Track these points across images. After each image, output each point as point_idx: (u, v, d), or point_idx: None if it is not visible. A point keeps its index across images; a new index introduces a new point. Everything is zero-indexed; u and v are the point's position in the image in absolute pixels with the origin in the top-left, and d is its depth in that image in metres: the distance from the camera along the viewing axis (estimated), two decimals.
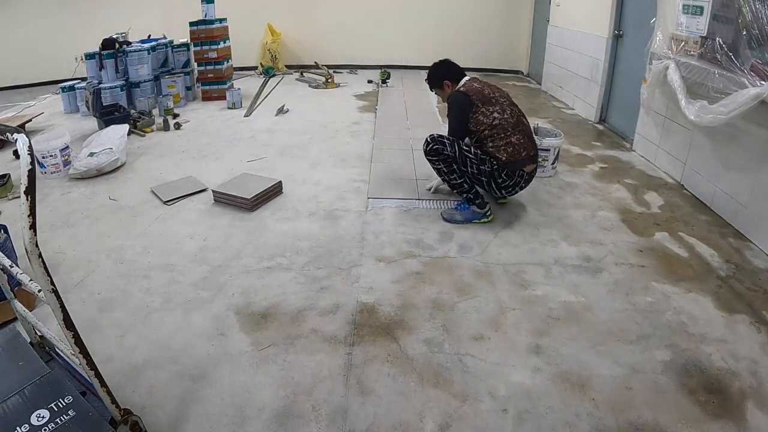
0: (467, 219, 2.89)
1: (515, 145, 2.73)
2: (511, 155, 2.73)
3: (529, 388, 1.76)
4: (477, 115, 2.75)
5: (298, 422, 1.63)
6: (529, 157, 2.78)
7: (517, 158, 2.74)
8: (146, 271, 2.48)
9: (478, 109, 2.75)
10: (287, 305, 2.21)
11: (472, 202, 2.87)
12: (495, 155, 2.74)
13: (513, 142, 2.73)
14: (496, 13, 7.46)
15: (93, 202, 3.25)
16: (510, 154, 2.72)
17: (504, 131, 2.72)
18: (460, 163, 2.78)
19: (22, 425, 1.33)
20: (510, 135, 2.73)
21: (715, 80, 2.72)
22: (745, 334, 2.00)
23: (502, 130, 2.72)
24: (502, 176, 2.76)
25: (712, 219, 2.94)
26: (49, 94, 6.49)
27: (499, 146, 2.73)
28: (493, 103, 2.76)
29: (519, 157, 2.74)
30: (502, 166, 2.74)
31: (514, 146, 2.73)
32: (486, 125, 2.73)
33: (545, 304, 2.19)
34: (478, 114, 2.75)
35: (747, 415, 1.64)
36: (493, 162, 2.74)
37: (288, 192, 3.35)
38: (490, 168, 2.75)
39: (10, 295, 1.66)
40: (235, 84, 6.30)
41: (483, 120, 2.74)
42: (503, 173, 2.75)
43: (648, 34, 3.58)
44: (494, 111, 2.74)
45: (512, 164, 2.74)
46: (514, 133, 2.74)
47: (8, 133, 1.21)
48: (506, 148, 2.72)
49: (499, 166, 2.74)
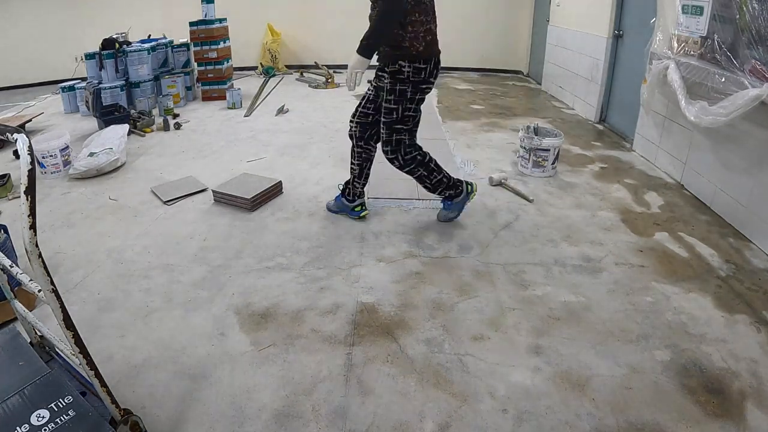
0: (460, 209, 2.86)
1: (434, 33, 2.44)
2: (429, 44, 2.41)
3: (529, 388, 1.76)
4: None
5: (298, 422, 1.63)
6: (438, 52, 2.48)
7: (434, 49, 2.45)
8: (146, 271, 2.48)
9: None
10: (287, 305, 2.21)
11: (452, 197, 2.79)
12: (411, 46, 2.39)
13: (432, 30, 2.43)
14: (496, 14, 7.46)
15: (93, 202, 3.25)
16: (429, 43, 2.41)
17: (426, 15, 2.39)
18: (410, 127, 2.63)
19: (22, 425, 1.33)
20: (430, 22, 2.42)
21: (715, 80, 2.72)
22: (745, 334, 2.01)
23: (424, 13, 2.38)
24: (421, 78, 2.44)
25: (712, 219, 2.94)
26: (49, 94, 6.49)
27: (418, 33, 2.38)
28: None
29: (435, 48, 2.45)
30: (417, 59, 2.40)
31: (433, 35, 2.44)
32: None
33: (545, 304, 2.19)
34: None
35: (747, 415, 1.64)
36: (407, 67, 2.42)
37: (288, 192, 3.35)
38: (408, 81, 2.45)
39: (10, 295, 1.66)
40: (235, 84, 6.30)
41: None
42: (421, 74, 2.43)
43: (648, 34, 3.58)
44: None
45: (428, 55, 2.42)
46: (433, 21, 2.43)
47: (8, 133, 1.21)
48: (425, 36, 2.39)
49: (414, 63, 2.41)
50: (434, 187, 2.74)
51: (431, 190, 2.76)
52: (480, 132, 4.65)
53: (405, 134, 2.66)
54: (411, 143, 2.71)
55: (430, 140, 4.35)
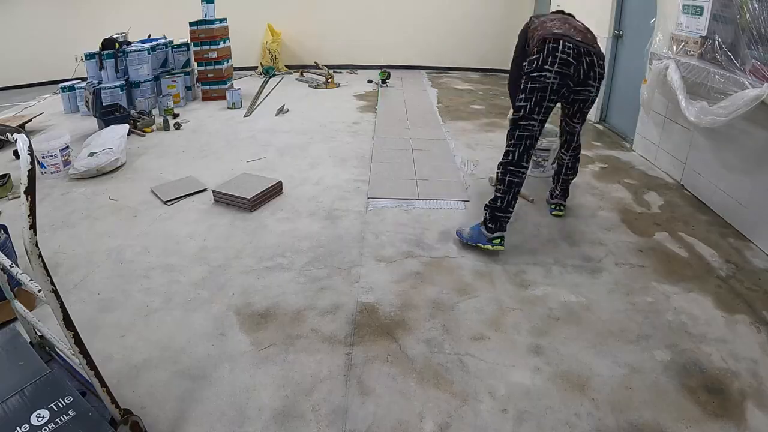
0: (472, 238, 2.58)
1: (538, 32, 2.45)
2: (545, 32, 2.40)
3: (529, 388, 1.76)
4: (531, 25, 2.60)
5: (298, 422, 1.63)
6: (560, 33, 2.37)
7: (542, 37, 2.38)
8: (146, 271, 2.48)
9: (534, 20, 2.62)
10: (287, 305, 2.21)
11: (485, 222, 2.54)
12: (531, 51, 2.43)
13: (546, 24, 2.47)
14: (496, 14, 7.45)
15: (93, 202, 3.25)
16: (545, 29, 2.42)
17: (537, 26, 2.51)
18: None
19: (22, 425, 1.33)
20: (536, 30, 2.50)
21: (715, 81, 2.72)
22: (745, 334, 2.01)
23: (538, 26, 2.51)
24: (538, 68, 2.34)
25: (712, 219, 2.94)
26: (49, 94, 6.49)
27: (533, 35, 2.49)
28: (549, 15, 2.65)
29: (542, 36, 2.38)
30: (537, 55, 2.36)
31: (538, 32, 2.45)
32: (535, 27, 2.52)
33: (545, 304, 2.19)
34: (531, 27, 2.59)
35: (747, 415, 1.64)
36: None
37: (288, 192, 3.35)
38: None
39: (10, 295, 1.66)
40: (235, 84, 6.30)
41: (532, 26, 2.59)
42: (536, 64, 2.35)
43: (648, 34, 3.58)
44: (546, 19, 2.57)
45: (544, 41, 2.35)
46: (540, 26, 2.50)
47: (8, 133, 1.21)
48: (532, 41, 2.47)
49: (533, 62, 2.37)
50: (492, 198, 2.53)
51: (492, 199, 2.54)
52: (480, 132, 4.65)
53: (510, 124, 2.53)
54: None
55: (430, 140, 4.36)
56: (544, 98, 2.36)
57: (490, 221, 2.51)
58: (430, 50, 7.74)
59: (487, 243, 2.52)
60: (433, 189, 3.36)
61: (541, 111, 2.38)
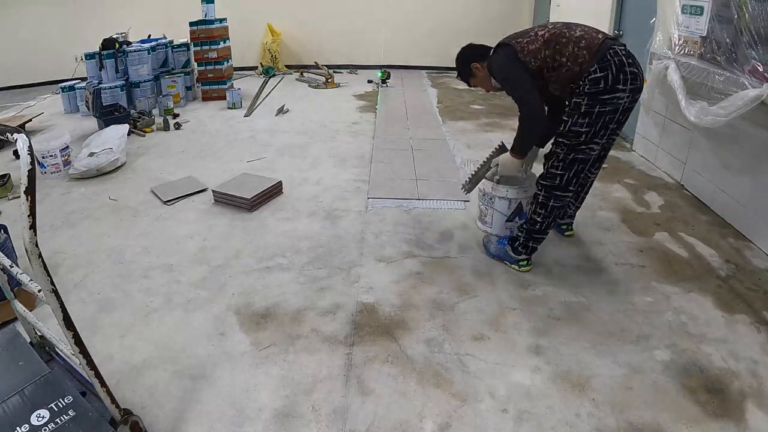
0: (498, 255, 2.50)
1: (578, 44, 2.07)
2: (585, 55, 2.04)
3: (529, 388, 1.76)
4: (524, 51, 2.17)
5: (298, 422, 1.63)
6: (605, 38, 2.09)
7: (594, 48, 2.04)
8: (146, 271, 2.48)
9: (520, 43, 2.19)
10: (287, 305, 2.21)
11: (514, 242, 2.42)
12: (568, 76, 2.08)
13: (573, 52, 2.07)
14: (496, 14, 7.45)
15: (93, 202, 3.25)
16: (583, 57, 2.04)
17: (559, 40, 2.11)
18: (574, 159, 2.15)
19: (22, 425, 1.33)
20: (566, 45, 2.09)
21: (715, 81, 2.72)
22: (745, 334, 2.01)
23: (557, 41, 2.11)
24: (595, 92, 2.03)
25: (712, 219, 2.94)
26: (49, 94, 6.49)
27: (563, 64, 2.09)
28: (530, 30, 2.23)
29: (595, 47, 2.04)
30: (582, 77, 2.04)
31: (577, 44, 2.06)
32: (538, 47, 2.14)
33: (545, 304, 2.19)
34: (523, 48, 2.17)
35: (747, 415, 1.64)
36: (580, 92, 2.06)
37: (288, 192, 3.35)
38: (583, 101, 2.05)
39: (10, 295, 1.66)
40: (235, 84, 6.30)
41: (531, 47, 2.15)
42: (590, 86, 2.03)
43: (648, 34, 3.58)
44: (537, 31, 2.19)
45: (591, 59, 2.03)
46: (570, 42, 2.09)
47: (8, 133, 1.21)
48: (574, 59, 2.06)
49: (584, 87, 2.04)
50: (531, 219, 2.35)
51: (528, 218, 2.39)
52: (480, 132, 4.65)
53: (561, 148, 2.20)
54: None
55: (430, 140, 4.36)
56: (612, 120, 2.07)
57: (522, 245, 2.37)
58: (430, 50, 7.73)
59: (514, 263, 2.43)
60: (433, 189, 3.36)
61: (606, 134, 2.12)
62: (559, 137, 2.17)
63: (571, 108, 2.10)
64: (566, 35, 2.11)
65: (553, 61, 2.12)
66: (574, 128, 2.09)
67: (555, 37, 2.12)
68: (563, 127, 2.13)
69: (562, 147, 2.16)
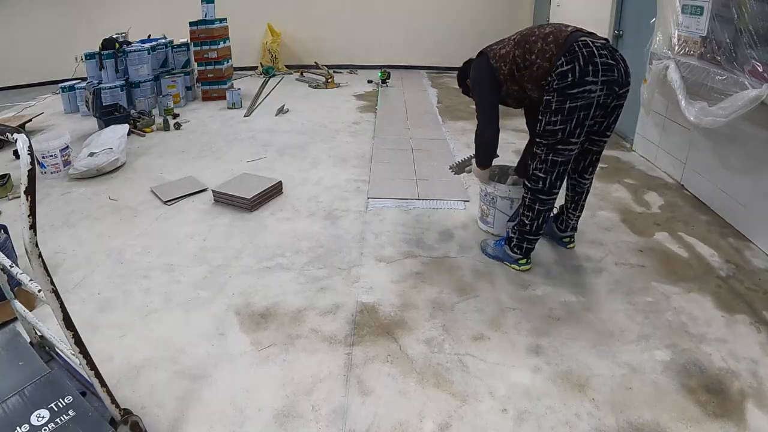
0: (497, 256, 2.51)
1: (546, 39, 2.04)
2: (553, 49, 2.01)
3: (529, 388, 1.76)
4: (495, 56, 2.16)
5: (298, 422, 1.63)
6: (574, 30, 2.05)
7: (561, 41, 2.01)
8: (146, 271, 2.48)
9: (494, 49, 2.19)
10: (287, 305, 2.21)
11: (508, 243, 2.44)
12: (539, 74, 2.05)
13: (541, 48, 2.04)
14: (496, 13, 7.45)
15: (93, 202, 3.25)
16: (551, 51, 2.01)
17: (528, 39, 2.09)
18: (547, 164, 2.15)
19: (22, 425, 1.33)
20: (535, 43, 2.07)
21: (715, 81, 2.72)
22: (745, 334, 2.00)
23: (526, 40, 2.09)
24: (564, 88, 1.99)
25: (712, 219, 2.94)
26: (49, 94, 6.49)
27: (533, 62, 2.06)
28: (508, 37, 2.22)
29: (562, 39, 2.01)
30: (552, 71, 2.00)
31: (545, 40, 2.04)
32: (508, 51, 2.13)
33: (545, 304, 2.19)
34: (495, 54, 2.16)
35: (747, 415, 1.64)
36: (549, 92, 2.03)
37: (288, 192, 3.35)
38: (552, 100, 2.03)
39: (10, 295, 1.66)
40: (235, 84, 6.30)
41: (502, 51, 2.15)
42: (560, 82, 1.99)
43: (648, 34, 3.58)
44: (512, 36, 2.18)
45: (558, 53, 1.99)
46: (539, 39, 2.07)
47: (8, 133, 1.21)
48: (542, 54, 2.03)
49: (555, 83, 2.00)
50: (520, 221, 2.37)
51: (518, 220, 2.40)
52: None
53: (540, 148, 2.17)
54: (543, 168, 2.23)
55: (430, 140, 4.36)
56: (587, 116, 2.00)
57: (516, 246, 2.38)
58: (430, 50, 7.73)
59: (513, 263, 2.43)
60: (433, 189, 3.36)
61: (582, 131, 2.04)
62: (537, 138, 2.16)
63: (543, 106, 2.08)
64: (535, 33, 2.09)
65: (523, 60, 2.09)
66: (549, 127, 2.07)
67: (524, 38, 2.12)
68: (539, 126, 2.11)
69: (541, 147, 2.14)
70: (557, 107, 2.02)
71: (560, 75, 1.97)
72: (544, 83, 2.06)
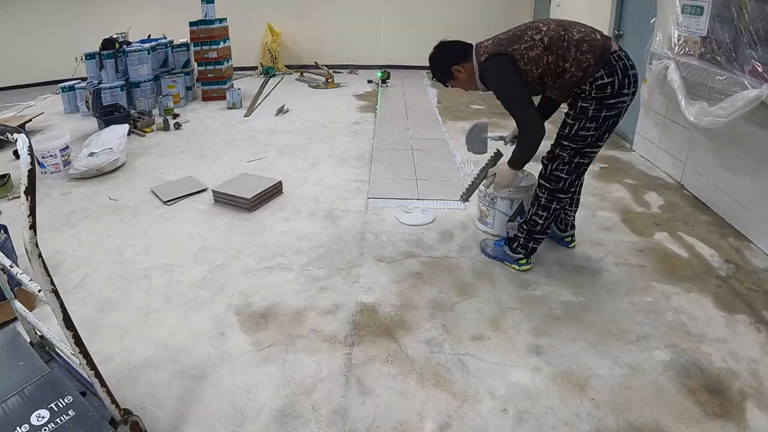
0: (497, 256, 2.51)
1: (580, 47, 2.00)
2: (590, 59, 1.99)
3: (529, 388, 1.76)
4: (523, 58, 2.04)
5: (298, 422, 1.63)
6: (605, 39, 2.05)
7: (598, 52, 1.99)
8: (146, 271, 2.48)
9: (518, 50, 2.05)
10: (287, 305, 2.21)
11: (509, 243, 2.44)
12: (572, 82, 2.03)
13: (576, 57, 2.00)
14: (495, 14, 7.45)
15: (93, 202, 3.25)
16: (588, 62, 1.99)
17: (560, 44, 2.03)
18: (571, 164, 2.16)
19: (22, 425, 1.33)
20: (568, 49, 2.02)
21: (715, 81, 2.72)
22: (745, 334, 2.01)
23: (557, 45, 2.03)
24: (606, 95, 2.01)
25: (712, 219, 2.94)
26: (49, 94, 6.48)
27: (567, 70, 2.03)
28: (523, 34, 2.08)
29: (599, 51, 1.99)
30: (589, 79, 2.00)
31: (579, 48, 2.00)
32: (539, 54, 2.03)
33: (545, 304, 2.19)
34: (523, 56, 2.04)
35: (747, 415, 1.64)
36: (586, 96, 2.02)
37: (288, 192, 3.35)
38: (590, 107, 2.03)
39: (10, 295, 1.66)
40: (235, 84, 6.30)
41: (532, 53, 2.04)
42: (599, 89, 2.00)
43: (648, 34, 3.58)
44: (533, 35, 2.05)
45: (596, 64, 1.98)
46: (571, 45, 2.02)
47: (8, 133, 1.21)
48: (578, 64, 2.00)
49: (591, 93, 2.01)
50: (531, 221, 2.35)
51: (524, 219, 2.41)
52: None
53: (567, 151, 2.17)
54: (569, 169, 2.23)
55: (430, 140, 4.36)
56: (616, 123, 2.10)
57: (522, 245, 2.37)
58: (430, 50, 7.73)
59: (513, 263, 2.43)
60: (433, 189, 3.36)
61: (609, 135, 2.14)
62: (564, 141, 2.15)
63: (577, 112, 2.08)
64: (565, 38, 2.05)
65: (556, 67, 2.05)
66: (582, 132, 2.09)
67: (555, 42, 2.04)
68: (568, 130, 2.12)
69: (568, 150, 2.15)
70: (594, 115, 2.05)
71: (600, 87, 2.01)
72: (578, 91, 2.06)
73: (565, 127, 2.13)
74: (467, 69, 2.24)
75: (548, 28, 2.09)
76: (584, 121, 2.06)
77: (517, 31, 2.13)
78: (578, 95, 2.06)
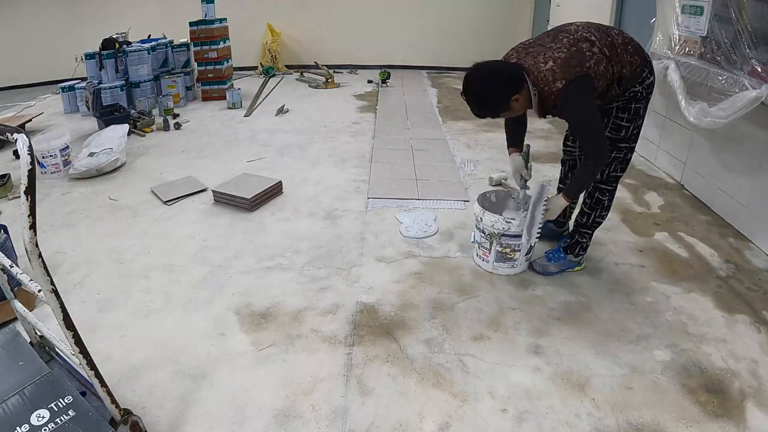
0: (563, 268, 2.43)
1: (627, 49, 1.99)
2: (638, 61, 2.00)
3: (529, 388, 1.76)
4: (597, 75, 1.91)
5: (298, 422, 1.63)
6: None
7: (641, 53, 2.03)
8: (146, 271, 2.48)
9: (591, 67, 1.89)
10: (287, 305, 2.21)
11: (571, 250, 2.40)
12: (625, 86, 2.02)
13: (628, 60, 1.98)
14: (495, 13, 7.45)
15: (93, 202, 3.25)
16: (636, 63, 2.00)
17: (614, 51, 1.96)
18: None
19: (22, 425, 1.33)
20: (622, 55, 1.98)
21: (715, 81, 2.72)
22: (745, 334, 2.01)
23: (612, 51, 1.96)
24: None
25: (712, 219, 2.94)
26: (49, 94, 6.48)
27: (623, 75, 1.99)
28: (579, 49, 1.92)
29: (641, 51, 2.03)
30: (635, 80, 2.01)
31: (626, 50, 1.99)
32: (606, 67, 1.93)
33: (545, 304, 2.19)
34: (596, 73, 1.90)
35: (747, 415, 1.64)
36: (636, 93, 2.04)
37: (288, 192, 3.35)
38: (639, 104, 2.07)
39: (10, 295, 1.66)
40: (235, 84, 6.30)
41: (600, 67, 1.91)
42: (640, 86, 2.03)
43: (648, 34, 3.58)
44: (590, 47, 1.93)
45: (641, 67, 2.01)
46: (624, 51, 1.99)
47: (8, 133, 1.21)
48: (630, 66, 1.99)
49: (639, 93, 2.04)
50: (596, 222, 2.34)
51: (586, 223, 2.35)
52: (480, 132, 4.65)
53: (623, 152, 2.18)
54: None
55: (430, 140, 4.36)
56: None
57: (584, 247, 2.40)
58: (430, 50, 7.73)
59: (577, 266, 2.44)
60: (433, 189, 3.36)
61: None
62: (620, 143, 2.14)
63: (631, 114, 2.09)
64: (615, 43, 1.97)
65: (614, 75, 1.96)
66: (636, 131, 2.14)
67: (611, 50, 1.95)
68: (625, 132, 2.12)
69: (624, 151, 2.17)
70: (643, 113, 2.12)
71: (649, 86, 2.06)
72: (631, 94, 2.06)
73: (621, 130, 2.13)
74: (524, 95, 1.97)
75: (594, 36, 1.96)
76: (638, 119, 2.12)
77: (564, 45, 1.94)
78: (632, 98, 2.07)
